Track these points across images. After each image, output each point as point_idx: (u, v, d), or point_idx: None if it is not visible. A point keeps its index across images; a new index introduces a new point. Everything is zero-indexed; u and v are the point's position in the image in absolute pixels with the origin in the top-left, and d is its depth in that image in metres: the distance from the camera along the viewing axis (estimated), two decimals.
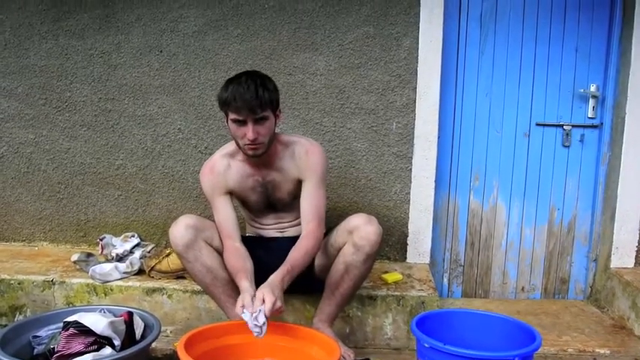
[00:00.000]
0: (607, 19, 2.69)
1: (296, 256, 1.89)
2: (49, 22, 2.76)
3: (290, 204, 2.09)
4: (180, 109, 2.76)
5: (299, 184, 2.02)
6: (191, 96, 2.74)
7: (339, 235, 1.99)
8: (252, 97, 1.79)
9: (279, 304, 1.70)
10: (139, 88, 2.76)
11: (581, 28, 2.70)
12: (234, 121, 1.86)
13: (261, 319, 1.65)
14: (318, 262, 2.06)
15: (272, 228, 2.17)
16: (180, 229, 1.93)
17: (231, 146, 2.04)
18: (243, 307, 1.69)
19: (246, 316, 1.67)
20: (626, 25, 2.63)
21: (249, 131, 1.83)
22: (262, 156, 1.94)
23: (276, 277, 1.78)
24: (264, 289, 1.72)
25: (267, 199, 2.09)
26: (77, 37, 2.76)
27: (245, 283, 1.79)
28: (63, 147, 2.85)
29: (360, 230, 1.91)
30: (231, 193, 2.05)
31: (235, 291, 1.91)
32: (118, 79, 2.77)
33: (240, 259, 1.91)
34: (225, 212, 2.02)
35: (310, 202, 1.99)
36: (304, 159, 2.00)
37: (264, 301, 1.68)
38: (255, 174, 2.03)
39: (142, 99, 2.77)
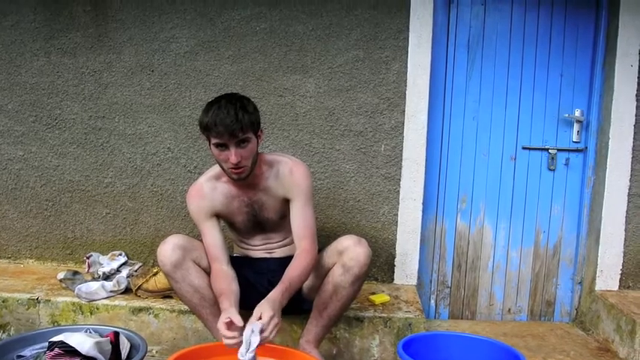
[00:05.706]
0: (591, 45, 2.76)
1: (293, 273, 1.87)
2: (41, 39, 2.78)
3: (278, 224, 2.10)
4: (171, 128, 2.77)
5: (286, 203, 2.03)
6: (181, 115, 2.75)
7: (328, 255, 2.00)
8: (233, 120, 1.79)
9: (276, 319, 1.67)
10: (129, 106, 2.78)
11: (565, 55, 2.77)
12: (216, 145, 1.86)
13: (255, 342, 1.59)
14: (306, 282, 2.04)
15: (260, 249, 2.17)
16: (169, 249, 1.93)
17: (216, 169, 2.05)
18: (226, 324, 1.64)
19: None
20: (609, 52, 2.69)
21: (231, 155, 1.84)
22: (247, 178, 1.95)
23: (274, 294, 1.76)
24: (262, 305, 1.69)
25: (254, 220, 2.09)
26: (69, 55, 2.77)
27: (226, 304, 1.77)
28: (52, 164, 2.84)
29: (349, 251, 1.92)
30: (218, 216, 2.06)
31: None
32: (108, 98, 2.78)
33: (225, 281, 1.90)
34: (212, 236, 2.02)
35: (301, 221, 1.99)
36: (289, 178, 2.01)
37: (260, 318, 1.64)
38: (241, 195, 2.04)
39: (132, 118, 2.78)
